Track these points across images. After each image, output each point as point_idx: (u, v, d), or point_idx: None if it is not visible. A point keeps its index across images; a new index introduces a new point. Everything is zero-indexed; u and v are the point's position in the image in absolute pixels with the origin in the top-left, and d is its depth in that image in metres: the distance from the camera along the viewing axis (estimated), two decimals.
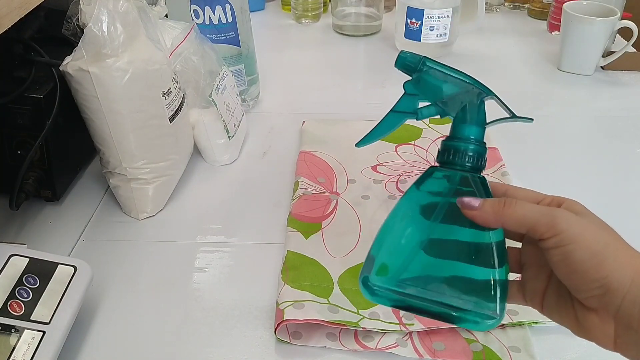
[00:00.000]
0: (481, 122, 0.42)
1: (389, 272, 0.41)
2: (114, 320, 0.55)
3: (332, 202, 0.67)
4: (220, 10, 0.77)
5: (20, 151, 0.63)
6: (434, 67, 0.44)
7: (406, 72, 0.45)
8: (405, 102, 0.46)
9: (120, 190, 0.66)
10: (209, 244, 0.64)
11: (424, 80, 0.44)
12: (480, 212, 0.38)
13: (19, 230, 0.65)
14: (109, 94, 0.60)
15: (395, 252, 0.41)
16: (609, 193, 0.71)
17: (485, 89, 0.43)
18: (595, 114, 0.87)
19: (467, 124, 0.42)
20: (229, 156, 0.76)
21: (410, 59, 0.44)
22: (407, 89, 0.45)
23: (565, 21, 0.94)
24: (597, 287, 0.34)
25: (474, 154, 0.41)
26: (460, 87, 0.43)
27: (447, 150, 0.42)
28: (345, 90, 0.94)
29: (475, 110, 0.42)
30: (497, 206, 0.38)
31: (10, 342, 0.45)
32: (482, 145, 0.42)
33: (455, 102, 0.43)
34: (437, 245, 0.41)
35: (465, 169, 0.41)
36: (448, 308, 0.39)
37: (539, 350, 0.51)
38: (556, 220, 0.35)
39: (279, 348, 0.52)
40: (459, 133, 0.42)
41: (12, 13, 0.50)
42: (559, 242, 0.35)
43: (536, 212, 0.36)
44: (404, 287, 0.40)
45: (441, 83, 0.44)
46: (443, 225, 0.41)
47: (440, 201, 0.41)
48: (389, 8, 1.18)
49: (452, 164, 0.41)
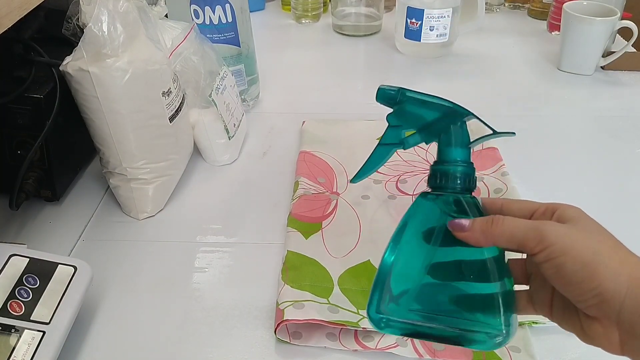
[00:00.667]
0: (465, 143, 0.44)
1: (396, 303, 0.41)
2: (114, 320, 0.55)
3: (332, 202, 0.67)
4: (220, 10, 0.77)
5: (20, 151, 0.63)
6: (412, 96, 0.46)
7: (387, 104, 0.47)
8: (390, 134, 0.48)
9: (120, 190, 0.66)
10: (209, 244, 0.64)
11: (404, 111, 0.46)
12: (471, 232, 0.39)
13: (19, 230, 0.65)
14: (109, 94, 0.60)
15: (399, 282, 0.42)
16: (609, 193, 0.71)
17: (464, 110, 0.44)
18: (595, 114, 0.87)
19: (452, 146, 0.43)
20: (229, 156, 0.76)
21: (389, 91, 0.46)
22: (390, 122, 0.48)
23: (565, 21, 0.94)
24: (593, 296, 0.34)
25: (462, 175, 0.42)
26: (440, 111, 0.45)
27: (436, 175, 0.43)
28: (345, 90, 0.94)
29: (459, 132, 0.44)
30: (486, 226, 0.38)
31: (10, 342, 0.45)
32: (469, 165, 0.43)
33: (437, 127, 0.44)
34: (439, 269, 0.41)
35: (456, 191, 0.42)
36: (456, 330, 0.40)
37: (539, 350, 0.51)
38: (543, 234, 0.36)
39: (279, 348, 0.52)
40: (446, 156, 0.43)
41: (12, 13, 0.50)
42: (549, 256, 0.35)
43: (523, 228, 0.37)
44: (412, 316, 0.41)
45: (421, 110, 0.45)
46: (442, 248, 0.41)
47: (436, 225, 0.42)
48: (389, 8, 1.18)
49: (443, 187, 0.43)
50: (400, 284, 0.42)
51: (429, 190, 0.44)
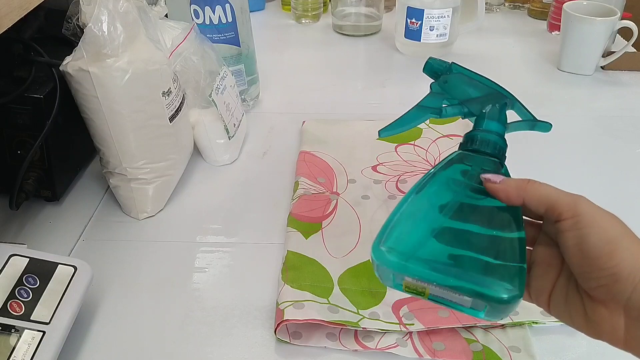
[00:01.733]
0: (503, 121, 0.44)
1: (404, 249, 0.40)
2: (114, 320, 0.55)
3: (332, 202, 0.67)
4: (220, 10, 0.77)
5: (20, 151, 0.63)
6: (461, 71, 0.46)
7: (433, 77, 0.47)
8: (431, 99, 0.47)
9: (120, 190, 0.66)
10: (209, 244, 0.64)
11: (450, 82, 0.46)
12: (504, 185, 0.39)
13: (19, 230, 0.65)
14: (109, 94, 0.60)
15: (412, 229, 0.41)
16: (609, 193, 0.71)
17: (508, 95, 0.44)
18: (595, 114, 0.87)
19: (490, 119, 0.43)
20: (229, 156, 0.76)
21: (439, 65, 0.46)
22: (433, 89, 0.47)
23: (565, 21, 0.94)
24: (608, 275, 0.34)
25: (496, 144, 0.42)
26: (485, 91, 0.44)
27: (472, 139, 0.43)
28: (345, 90, 0.94)
29: (498, 111, 0.44)
30: (521, 182, 0.39)
31: (10, 342, 0.45)
32: (504, 140, 0.43)
33: (479, 104, 0.44)
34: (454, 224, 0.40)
35: (490, 155, 0.42)
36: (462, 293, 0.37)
37: (539, 350, 0.51)
38: (577, 202, 0.36)
39: (279, 348, 0.52)
40: (483, 126, 0.43)
41: (12, 13, 0.50)
42: (576, 225, 0.36)
43: (559, 192, 0.37)
44: (422, 256, 0.39)
45: (467, 87, 0.45)
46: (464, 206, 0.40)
47: (463, 183, 0.41)
48: (389, 8, 1.18)
49: (478, 151, 0.42)
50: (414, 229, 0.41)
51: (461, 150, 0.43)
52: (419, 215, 0.41)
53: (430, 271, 0.38)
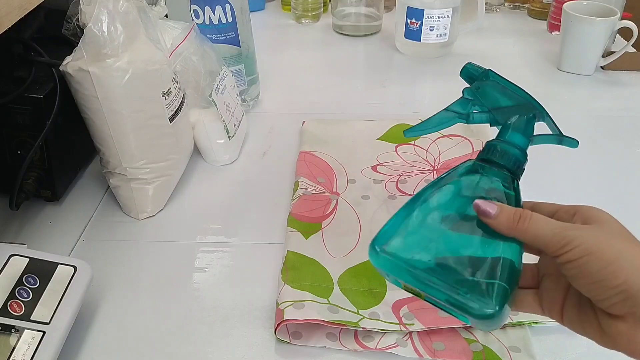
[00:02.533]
0: (528, 134, 0.44)
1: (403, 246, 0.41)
2: (114, 320, 0.55)
3: (332, 202, 0.67)
4: (220, 10, 0.77)
5: (20, 151, 0.63)
6: (495, 79, 0.46)
7: (468, 81, 0.47)
8: (460, 104, 0.47)
9: (120, 190, 0.66)
10: (209, 244, 0.64)
11: (483, 89, 0.46)
12: (495, 221, 0.39)
13: (19, 230, 0.65)
14: (109, 94, 0.60)
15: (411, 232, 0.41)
16: (609, 193, 0.71)
17: (539, 107, 0.45)
18: (595, 114, 0.87)
19: (515, 131, 0.44)
20: (229, 156, 0.76)
21: (476, 69, 0.47)
22: (465, 93, 0.47)
23: (565, 21, 0.94)
24: (617, 293, 0.34)
25: (515, 157, 0.42)
26: (516, 101, 0.45)
27: (491, 149, 0.43)
28: (345, 90, 0.94)
29: (525, 123, 0.44)
30: (512, 221, 0.38)
31: (10, 342, 0.45)
32: (524, 153, 0.43)
33: (508, 114, 0.45)
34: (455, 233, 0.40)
35: (504, 168, 0.42)
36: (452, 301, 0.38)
37: (539, 350, 0.51)
38: (568, 238, 0.36)
39: (279, 348, 0.52)
40: (506, 137, 0.43)
41: (12, 13, 0.50)
42: (573, 256, 0.35)
43: (549, 231, 0.37)
44: (413, 263, 0.40)
45: (499, 95, 0.45)
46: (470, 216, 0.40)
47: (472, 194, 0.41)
48: (389, 8, 1.18)
49: (494, 162, 0.42)
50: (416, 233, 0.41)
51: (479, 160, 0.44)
52: (419, 221, 0.42)
53: (415, 279, 0.39)
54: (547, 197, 0.72)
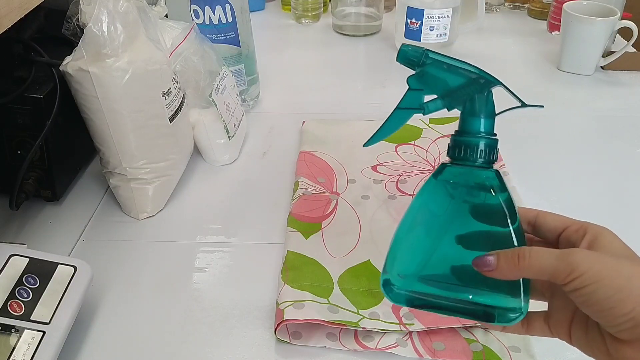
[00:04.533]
0: (490, 113, 0.41)
1: (408, 272, 0.41)
2: (114, 320, 0.55)
3: (332, 202, 0.67)
4: (220, 10, 0.77)
5: (20, 151, 0.63)
6: (437, 58, 0.43)
7: (409, 66, 0.44)
8: (410, 98, 0.45)
9: (120, 190, 0.66)
10: (209, 244, 0.64)
11: (427, 74, 0.43)
12: (498, 271, 0.37)
13: (19, 230, 0.65)
14: (109, 94, 0.60)
15: (413, 252, 0.41)
16: (609, 193, 0.71)
17: (491, 79, 0.42)
18: (595, 114, 0.87)
19: (476, 116, 0.41)
20: (229, 156, 0.76)
21: (412, 52, 0.43)
22: (411, 84, 0.44)
23: (565, 21, 0.94)
24: (627, 320, 0.33)
25: (486, 148, 0.40)
26: (466, 78, 0.42)
27: (458, 146, 0.41)
28: (345, 90, 0.94)
29: (484, 101, 0.41)
30: (512, 262, 0.37)
31: (10, 342, 0.45)
32: (493, 137, 0.41)
33: (462, 94, 0.42)
34: (455, 241, 0.40)
35: (477, 165, 0.41)
36: (472, 305, 0.39)
37: (539, 350, 0.51)
38: (573, 264, 0.34)
39: (279, 348, 0.52)
40: (469, 127, 0.41)
41: (12, 13, 0.50)
42: (580, 284, 0.34)
43: (553, 260, 0.35)
44: (423, 286, 0.40)
45: (446, 75, 0.42)
46: (460, 221, 0.40)
47: (455, 197, 0.41)
48: (389, 8, 1.18)
49: (464, 159, 0.41)
50: (412, 254, 0.41)
51: (448, 161, 0.42)
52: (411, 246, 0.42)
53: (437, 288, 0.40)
54: (547, 197, 0.72)
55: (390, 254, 0.42)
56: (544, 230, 0.40)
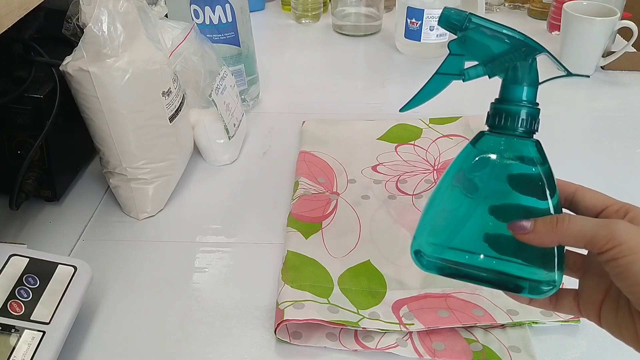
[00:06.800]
0: (533, 81, 0.40)
1: (440, 240, 0.40)
2: (114, 320, 0.55)
3: (332, 202, 0.67)
4: (220, 10, 0.77)
5: (20, 151, 0.63)
6: (480, 23, 0.41)
7: (450, 30, 0.42)
8: (450, 63, 0.43)
9: (120, 190, 0.66)
10: (209, 244, 0.64)
11: (470, 39, 0.42)
12: (534, 234, 0.37)
13: (19, 230, 0.65)
14: (109, 94, 0.60)
15: (446, 220, 0.41)
16: (609, 193, 0.71)
17: (537, 46, 0.40)
18: (595, 114, 0.87)
19: (518, 84, 0.40)
20: (229, 156, 0.76)
21: (455, 15, 0.42)
22: (452, 49, 0.43)
23: (565, 21, 0.94)
24: None
25: (527, 117, 0.40)
26: (510, 44, 0.41)
27: (499, 114, 0.40)
28: (345, 90, 0.94)
29: (527, 69, 0.40)
30: (550, 225, 0.36)
31: (10, 342, 0.45)
32: (535, 106, 0.40)
33: (505, 61, 0.41)
34: (489, 211, 0.39)
35: (517, 134, 0.40)
36: (503, 276, 0.38)
37: (539, 350, 0.51)
38: (615, 232, 0.34)
39: (279, 348, 0.52)
40: (511, 94, 0.40)
41: (12, 13, 0.50)
42: (618, 254, 0.34)
43: (593, 225, 0.35)
44: (455, 255, 0.39)
45: (489, 41, 0.41)
46: (497, 191, 0.39)
47: (493, 167, 0.40)
48: (389, 8, 1.18)
49: (504, 128, 0.40)
50: (445, 222, 0.41)
51: (487, 130, 0.41)
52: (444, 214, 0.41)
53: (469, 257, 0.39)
54: None
55: (422, 222, 0.41)
56: (581, 207, 0.39)
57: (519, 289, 0.39)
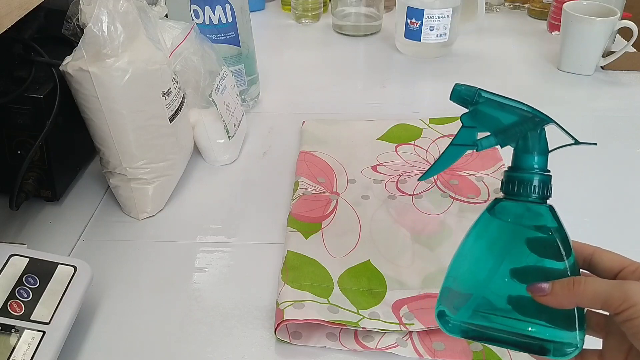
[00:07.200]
0: (543, 150, 0.43)
1: (462, 304, 0.41)
2: (114, 320, 0.55)
3: (332, 202, 0.67)
4: (220, 10, 0.77)
5: (20, 151, 0.63)
6: (490, 97, 0.44)
7: (462, 104, 0.45)
8: (464, 135, 0.46)
9: (120, 190, 0.66)
10: (209, 244, 0.64)
11: (481, 112, 0.44)
12: (552, 296, 0.38)
13: (19, 230, 0.65)
14: (109, 94, 0.60)
15: (468, 284, 0.42)
16: (609, 193, 0.71)
17: (544, 117, 0.43)
18: (595, 114, 0.87)
19: (529, 153, 0.42)
20: (229, 156, 0.76)
21: (465, 91, 0.44)
22: (464, 122, 0.45)
23: (565, 21, 0.94)
24: None
25: (540, 184, 0.42)
26: (519, 116, 0.43)
27: (512, 182, 0.42)
28: (345, 90, 0.94)
29: (537, 139, 0.43)
30: (567, 287, 0.37)
31: (10, 342, 0.45)
32: (546, 174, 0.42)
33: (515, 132, 0.43)
34: (509, 275, 0.41)
35: (531, 200, 0.41)
36: (527, 338, 0.39)
37: None
38: (628, 292, 0.35)
39: (279, 348, 0.52)
40: (523, 163, 0.42)
41: (12, 13, 0.50)
42: (633, 314, 0.34)
43: (608, 287, 0.36)
44: (479, 319, 0.40)
45: (499, 113, 0.44)
46: (515, 255, 0.41)
47: (510, 231, 0.41)
48: (389, 8, 1.18)
49: (518, 195, 0.42)
50: (468, 287, 0.42)
51: (502, 196, 0.43)
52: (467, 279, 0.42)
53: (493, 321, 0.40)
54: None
55: (445, 285, 0.42)
56: (600, 269, 0.40)
57: (544, 351, 0.39)
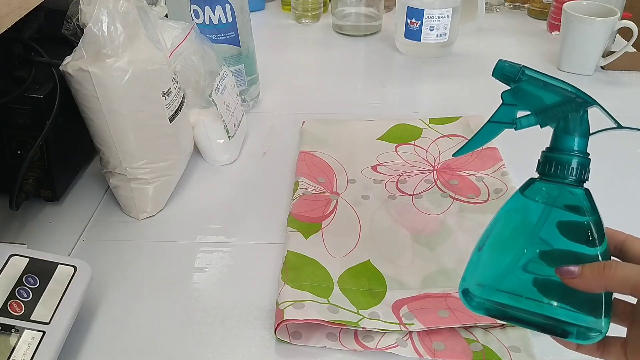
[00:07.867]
0: (584, 132, 0.42)
1: (488, 282, 0.41)
2: (114, 320, 0.55)
3: (332, 202, 0.67)
4: (220, 10, 0.77)
5: (20, 151, 0.63)
6: (533, 76, 0.43)
7: (504, 81, 0.44)
8: (503, 112, 0.45)
9: (120, 190, 0.66)
10: (209, 244, 0.64)
11: (522, 90, 0.43)
12: (581, 279, 0.37)
13: (19, 230, 0.65)
14: (109, 94, 0.60)
15: (495, 263, 0.41)
16: (609, 193, 0.71)
17: (588, 99, 0.42)
18: (595, 114, 0.87)
19: (570, 134, 0.42)
20: (229, 156, 0.76)
21: (509, 68, 0.43)
22: (505, 99, 0.44)
23: (565, 21, 0.94)
24: None
25: (578, 166, 0.41)
26: (562, 96, 0.42)
27: (549, 162, 0.41)
28: (345, 90, 0.94)
29: (579, 120, 0.42)
30: (597, 270, 0.37)
31: (10, 342, 0.45)
32: (586, 157, 0.42)
33: (556, 112, 0.42)
34: (538, 256, 0.40)
35: (568, 182, 0.41)
36: (551, 320, 0.39)
37: (539, 350, 0.51)
38: None
39: (279, 348, 0.52)
40: (562, 144, 0.42)
41: (12, 13, 0.50)
42: None
43: (637, 272, 0.36)
44: (504, 297, 0.40)
45: (541, 93, 0.43)
46: (546, 236, 0.40)
47: (542, 212, 0.41)
48: (389, 8, 1.18)
49: (555, 176, 0.41)
50: (495, 265, 0.41)
51: (538, 176, 0.42)
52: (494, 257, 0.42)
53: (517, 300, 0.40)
54: None
55: (471, 263, 0.42)
56: (631, 255, 0.40)
57: (566, 334, 0.39)
